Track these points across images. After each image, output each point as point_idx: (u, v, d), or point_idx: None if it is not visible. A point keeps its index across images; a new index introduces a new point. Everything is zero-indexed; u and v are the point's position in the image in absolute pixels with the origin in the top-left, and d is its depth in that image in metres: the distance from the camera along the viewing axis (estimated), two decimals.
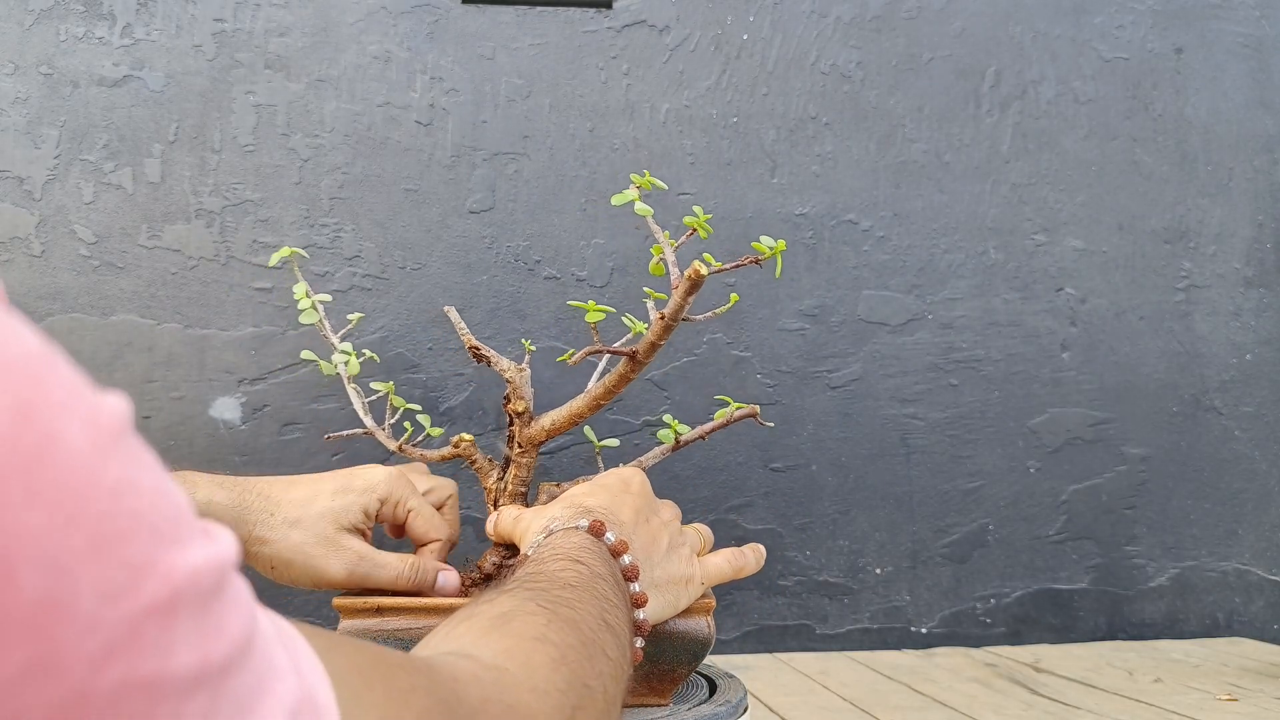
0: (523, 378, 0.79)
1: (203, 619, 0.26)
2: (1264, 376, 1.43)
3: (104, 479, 0.25)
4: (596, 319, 0.78)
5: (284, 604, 1.22)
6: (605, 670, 0.50)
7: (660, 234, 0.74)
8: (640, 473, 0.74)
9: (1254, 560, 1.40)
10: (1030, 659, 1.23)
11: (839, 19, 1.38)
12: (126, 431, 0.26)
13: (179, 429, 1.22)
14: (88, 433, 0.25)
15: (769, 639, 1.30)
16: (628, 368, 0.74)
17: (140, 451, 0.27)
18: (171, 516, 0.27)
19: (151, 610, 0.25)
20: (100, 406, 0.26)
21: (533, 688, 0.44)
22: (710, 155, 1.34)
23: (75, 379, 0.25)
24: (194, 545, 0.27)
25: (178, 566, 0.26)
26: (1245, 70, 1.46)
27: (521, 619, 0.48)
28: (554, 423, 0.78)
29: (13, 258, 1.22)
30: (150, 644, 0.25)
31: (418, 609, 0.70)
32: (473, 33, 1.31)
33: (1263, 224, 1.45)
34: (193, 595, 0.26)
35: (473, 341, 0.80)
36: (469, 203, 1.30)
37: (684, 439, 0.83)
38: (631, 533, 0.65)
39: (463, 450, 0.82)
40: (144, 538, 0.25)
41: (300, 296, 0.86)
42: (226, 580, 0.28)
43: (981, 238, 1.38)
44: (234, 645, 0.27)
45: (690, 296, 0.69)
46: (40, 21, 1.25)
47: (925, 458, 1.35)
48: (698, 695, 0.75)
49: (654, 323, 0.72)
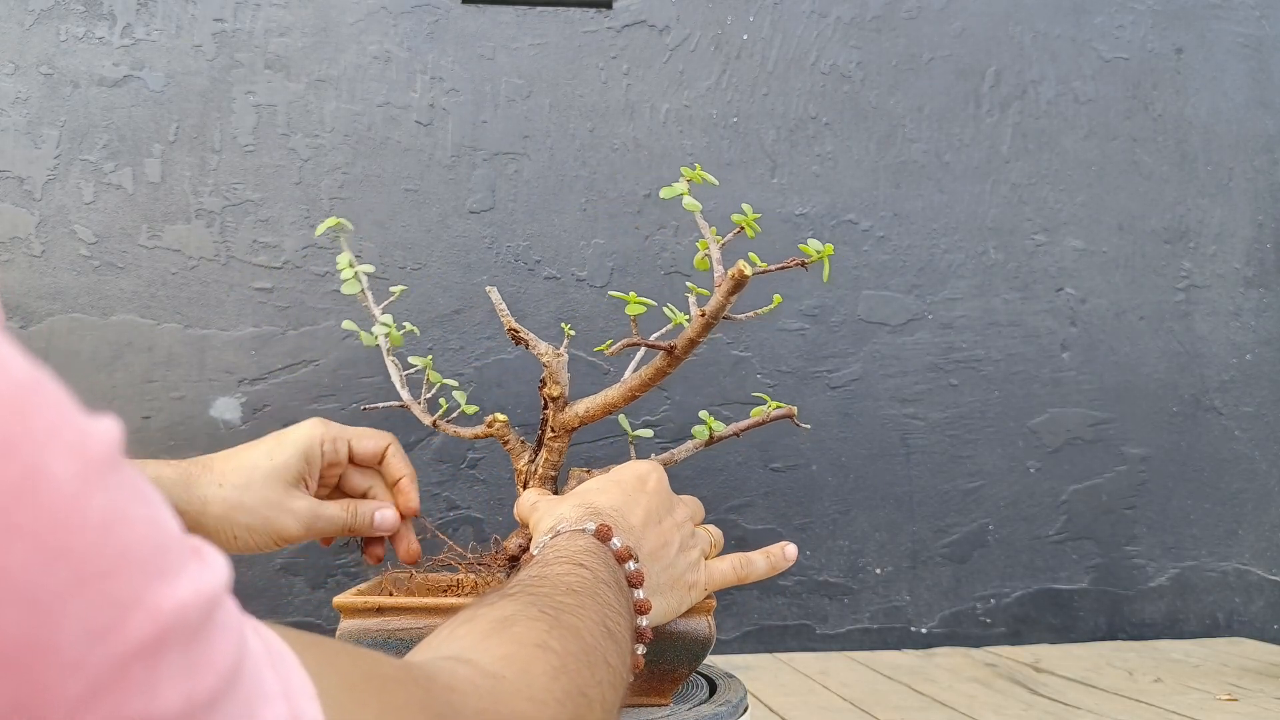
0: (559, 362, 0.79)
1: (190, 653, 0.25)
2: (1264, 376, 1.43)
3: (90, 512, 0.24)
4: (637, 311, 0.77)
5: (285, 603, 1.22)
6: (605, 679, 0.49)
7: (708, 230, 0.74)
8: (659, 468, 0.73)
9: (1254, 560, 1.41)
10: (1030, 659, 1.23)
11: (839, 19, 1.38)
12: (116, 459, 0.25)
13: (179, 429, 1.22)
14: (73, 464, 0.24)
15: (769, 639, 1.30)
16: (664, 362, 0.74)
17: (131, 479, 0.26)
18: (161, 547, 0.26)
19: (139, 650, 0.24)
20: (89, 434, 0.25)
21: (530, 697, 0.44)
22: (710, 155, 1.34)
23: (63, 407, 0.24)
24: (183, 577, 0.26)
25: (166, 602, 0.25)
26: (1245, 70, 1.46)
27: (523, 624, 0.48)
28: (588, 410, 0.78)
29: (13, 258, 1.22)
30: (136, 684, 0.24)
31: (418, 609, 0.70)
32: (473, 33, 1.31)
33: (1263, 224, 1.45)
34: (180, 630, 0.25)
35: (512, 323, 0.80)
36: (469, 203, 1.30)
37: (718, 435, 0.83)
38: (640, 536, 0.64)
39: (496, 430, 0.82)
40: (131, 573, 0.24)
41: (344, 266, 0.86)
42: (215, 609, 0.27)
43: (981, 238, 1.38)
44: (221, 677, 0.26)
45: (733, 296, 0.69)
46: (40, 21, 1.25)
47: (925, 458, 1.35)
48: (698, 695, 0.75)
49: (694, 319, 0.71)
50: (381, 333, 0.86)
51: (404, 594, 0.75)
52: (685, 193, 0.74)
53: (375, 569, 1.22)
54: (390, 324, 0.86)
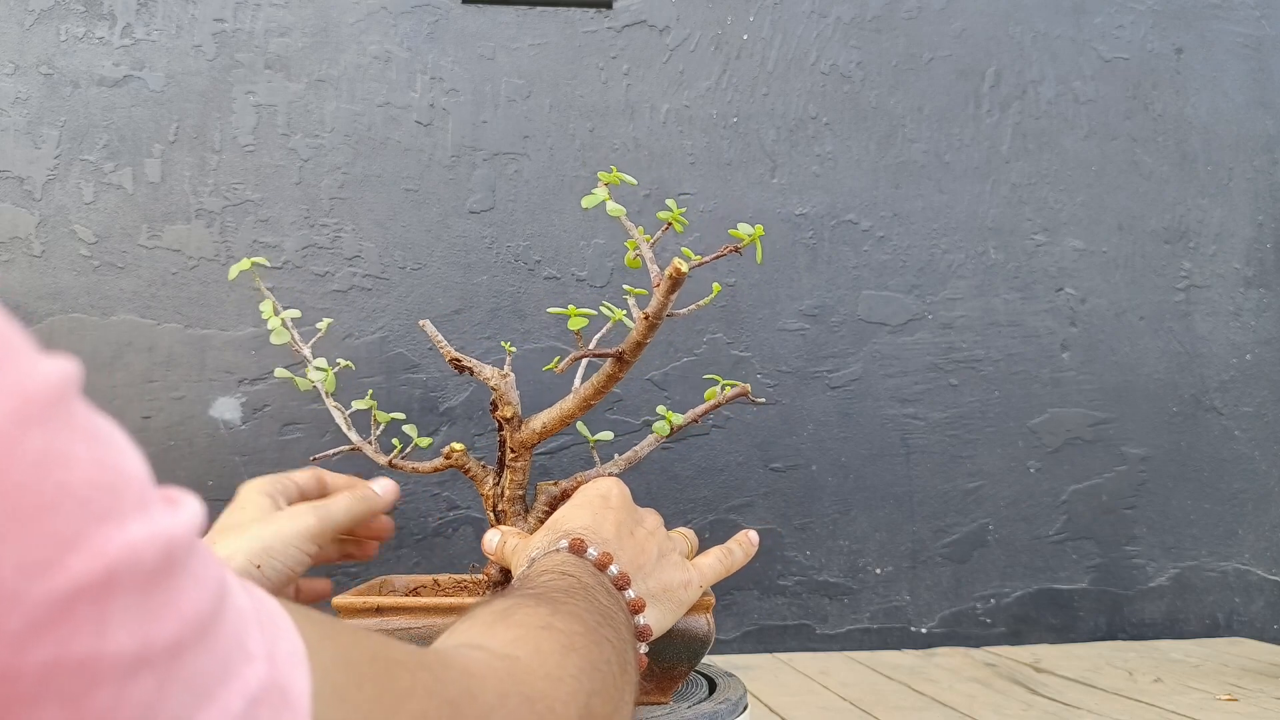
0: (507, 383, 0.78)
1: (146, 597, 0.25)
2: (1264, 376, 1.43)
3: (24, 450, 0.23)
4: (579, 325, 0.77)
5: None
6: (612, 658, 0.49)
7: (635, 231, 0.74)
8: (618, 484, 0.72)
9: (1254, 560, 1.40)
10: (1030, 659, 1.23)
11: (839, 19, 1.38)
12: (62, 400, 0.25)
13: (179, 429, 1.22)
14: (9, 402, 0.23)
15: (769, 639, 1.30)
16: (615, 368, 0.74)
17: (83, 420, 0.25)
18: (109, 487, 0.25)
19: (83, 588, 0.24)
20: (29, 374, 0.24)
21: (546, 674, 0.43)
22: (710, 155, 1.34)
23: (3, 347, 0.24)
24: (139, 519, 0.25)
25: (113, 542, 0.24)
26: (1245, 70, 1.46)
27: (524, 611, 0.48)
28: (544, 425, 0.78)
29: (13, 258, 1.22)
30: (83, 623, 0.24)
31: (418, 608, 0.70)
32: (473, 33, 1.31)
33: (1263, 224, 1.45)
34: (133, 572, 0.25)
35: (452, 354, 0.79)
36: (469, 203, 1.30)
37: (677, 425, 0.82)
38: (617, 548, 0.64)
39: (455, 460, 0.81)
40: (71, 511, 0.24)
41: (268, 315, 0.83)
42: (180, 555, 0.26)
43: (981, 238, 1.38)
44: (186, 625, 0.26)
45: (672, 295, 0.69)
46: (40, 21, 1.25)
47: (925, 458, 1.35)
48: (698, 694, 0.75)
49: (638, 322, 0.71)
50: (318, 377, 0.84)
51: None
52: (606, 198, 0.73)
53: (375, 569, 1.22)
54: (326, 367, 0.84)
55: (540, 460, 1.26)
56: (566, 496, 0.76)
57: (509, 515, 0.79)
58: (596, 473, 0.80)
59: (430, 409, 1.27)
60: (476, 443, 1.26)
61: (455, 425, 1.27)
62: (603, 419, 1.27)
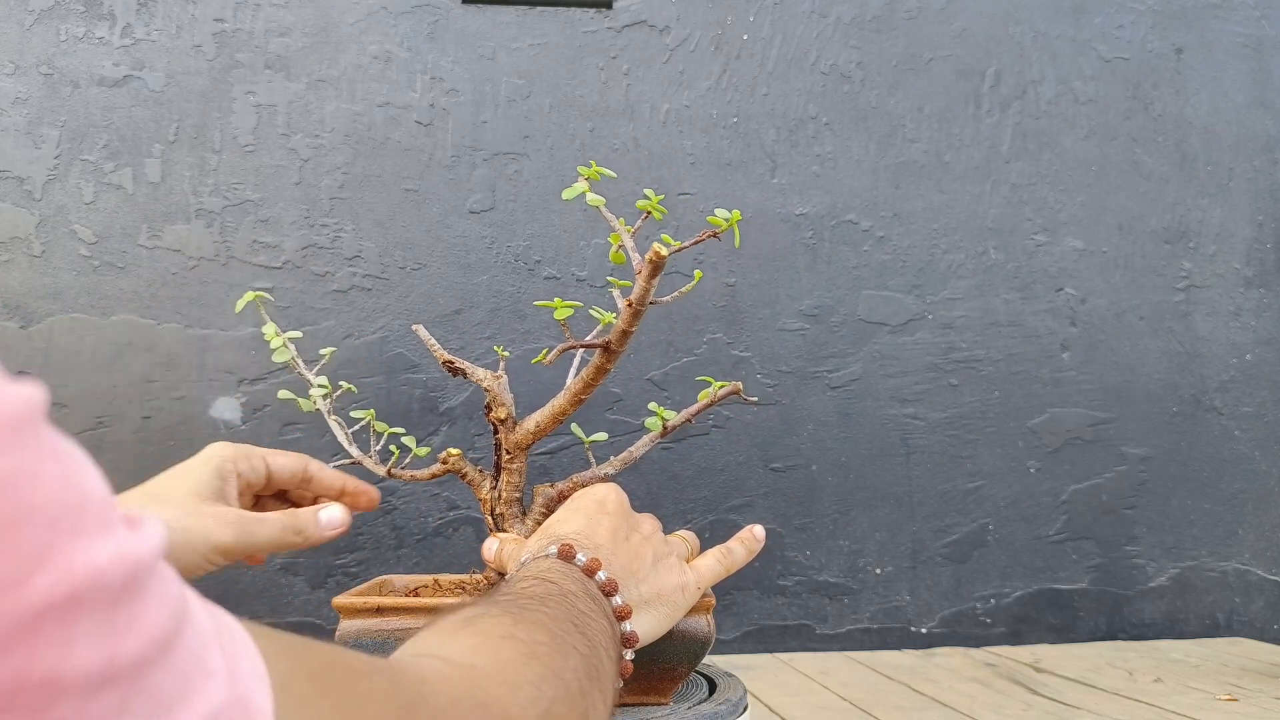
0: (500, 385, 0.78)
1: (111, 615, 0.25)
2: (1264, 376, 1.43)
3: None
4: (565, 315, 0.77)
5: (285, 603, 1.22)
6: (579, 666, 0.49)
7: (615, 222, 0.74)
8: (615, 489, 0.72)
9: (1254, 560, 1.40)
10: (1030, 659, 1.23)
11: (839, 19, 1.38)
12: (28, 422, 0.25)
13: (179, 429, 1.22)
14: None
15: (769, 639, 1.30)
16: (603, 359, 0.74)
17: (48, 442, 0.26)
18: (75, 507, 0.25)
19: (50, 606, 0.24)
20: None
21: (503, 681, 0.43)
22: (710, 155, 1.34)
23: None
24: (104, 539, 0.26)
25: (79, 561, 0.25)
26: (1245, 70, 1.46)
27: (487, 620, 0.48)
28: (538, 424, 0.78)
29: (13, 258, 1.22)
30: (49, 640, 0.24)
31: (418, 609, 0.70)
32: (473, 33, 1.31)
33: (1263, 224, 1.45)
34: (98, 591, 0.25)
35: (445, 356, 0.79)
36: (469, 203, 1.30)
37: (671, 424, 0.83)
38: (610, 554, 0.64)
39: (452, 465, 0.81)
40: (38, 529, 0.24)
41: (271, 336, 0.85)
42: (144, 575, 0.27)
43: (981, 238, 1.38)
44: (150, 642, 0.26)
45: (654, 279, 0.70)
46: (40, 21, 1.25)
47: (925, 458, 1.35)
48: (698, 694, 0.75)
49: (622, 310, 0.72)
50: (319, 395, 0.85)
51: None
52: (586, 190, 0.74)
53: (375, 570, 1.22)
54: (327, 385, 0.85)
55: (539, 461, 1.26)
56: (563, 498, 0.76)
57: (506, 518, 0.79)
58: (592, 474, 0.80)
59: (430, 409, 1.27)
60: (476, 443, 1.27)
61: (455, 425, 1.27)
62: (602, 419, 1.27)
